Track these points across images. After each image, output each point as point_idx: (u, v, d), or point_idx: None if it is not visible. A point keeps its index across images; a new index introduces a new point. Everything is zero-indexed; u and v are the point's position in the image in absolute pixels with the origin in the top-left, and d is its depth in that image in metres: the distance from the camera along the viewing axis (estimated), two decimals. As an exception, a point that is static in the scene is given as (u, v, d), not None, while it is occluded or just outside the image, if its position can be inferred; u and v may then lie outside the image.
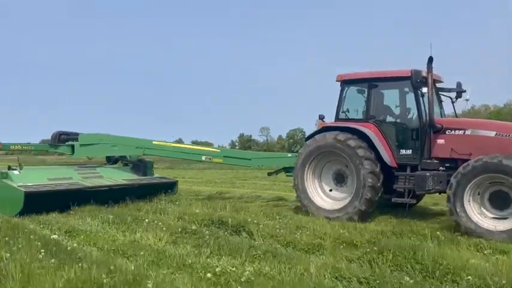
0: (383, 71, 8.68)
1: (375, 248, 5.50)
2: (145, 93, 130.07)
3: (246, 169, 20.43)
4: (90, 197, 9.99)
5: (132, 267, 4.80)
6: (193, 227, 7.19)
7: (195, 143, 71.33)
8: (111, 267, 4.59)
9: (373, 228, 7.23)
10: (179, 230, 6.96)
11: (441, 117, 9.14)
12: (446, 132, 8.05)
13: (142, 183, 11.34)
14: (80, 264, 4.73)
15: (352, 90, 9.17)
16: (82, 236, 6.94)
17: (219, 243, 5.98)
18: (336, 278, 4.59)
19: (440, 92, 9.28)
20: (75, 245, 6.21)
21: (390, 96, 8.96)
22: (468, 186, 6.90)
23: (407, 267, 4.84)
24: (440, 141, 8.10)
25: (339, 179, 9.00)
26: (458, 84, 9.26)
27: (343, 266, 4.88)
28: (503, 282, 4.20)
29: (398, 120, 8.75)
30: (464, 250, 5.69)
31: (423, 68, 7.96)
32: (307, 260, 5.17)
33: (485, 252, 5.72)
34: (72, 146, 11.70)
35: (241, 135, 73.76)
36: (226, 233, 6.94)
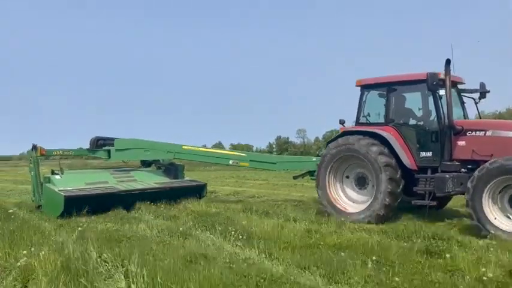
0: (401, 74, 8.75)
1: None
2: (185, 98, 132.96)
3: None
4: (124, 199, 10.65)
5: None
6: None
7: (234, 146, 72.72)
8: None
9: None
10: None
11: (464, 118, 9.11)
12: (467, 134, 8.03)
13: (173, 186, 11.89)
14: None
15: (371, 94, 9.30)
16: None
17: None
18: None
19: (462, 93, 9.23)
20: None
21: (409, 100, 9.01)
22: (486, 189, 6.88)
23: None
24: (461, 142, 8.08)
25: (361, 182, 9.14)
26: (482, 85, 9.17)
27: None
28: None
29: (418, 123, 8.77)
30: None
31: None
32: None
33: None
34: (109, 151, 12.40)
35: (278, 138, 74.15)
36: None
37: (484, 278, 4.50)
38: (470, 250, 5.88)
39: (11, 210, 10.41)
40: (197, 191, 12.26)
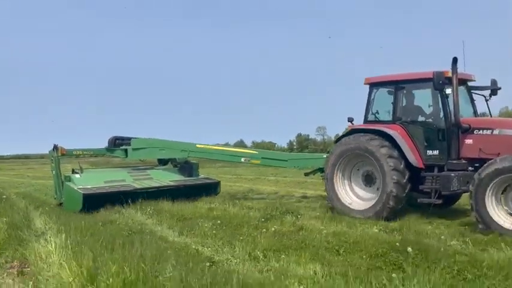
0: (408, 73, 8.79)
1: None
2: (206, 97, 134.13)
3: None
4: (140, 196, 11.04)
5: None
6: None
7: (256, 144, 73.06)
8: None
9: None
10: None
11: (475, 116, 9.06)
12: (474, 132, 8.01)
13: (188, 184, 12.23)
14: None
15: (380, 92, 9.34)
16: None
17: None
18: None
19: (472, 91, 9.18)
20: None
21: (417, 98, 9.03)
22: (487, 190, 6.90)
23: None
24: (469, 141, 8.08)
25: (368, 180, 9.21)
26: (493, 82, 9.08)
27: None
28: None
29: (425, 121, 8.78)
30: None
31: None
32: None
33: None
34: (126, 150, 12.85)
35: (299, 135, 74.30)
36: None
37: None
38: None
39: (4, 196, 13.26)
40: (211, 188, 12.56)
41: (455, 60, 7.82)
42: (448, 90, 7.97)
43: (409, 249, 5.41)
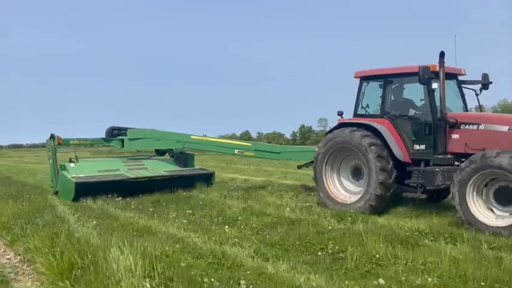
0: (396, 67, 8.74)
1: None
2: (214, 91, 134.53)
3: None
4: (133, 186, 11.21)
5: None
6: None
7: (261, 134, 73.62)
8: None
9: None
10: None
11: (464, 110, 9.00)
12: (461, 127, 7.97)
13: (182, 174, 12.35)
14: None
15: (369, 86, 9.31)
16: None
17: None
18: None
19: (463, 85, 9.10)
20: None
21: (405, 92, 9.00)
22: (468, 186, 6.90)
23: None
24: (455, 136, 8.04)
25: (356, 173, 9.24)
26: (485, 76, 9.00)
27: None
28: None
29: (412, 116, 8.74)
30: None
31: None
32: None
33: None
34: (122, 140, 13.00)
35: (302, 126, 75.07)
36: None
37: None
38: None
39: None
40: (205, 179, 12.68)
41: (442, 54, 7.76)
42: (435, 85, 7.92)
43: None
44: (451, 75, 8.81)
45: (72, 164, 11.44)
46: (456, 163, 8.01)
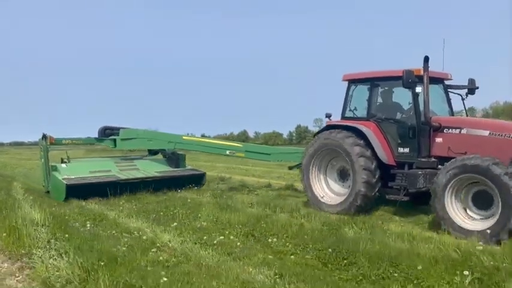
0: (383, 70, 8.84)
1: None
2: (213, 90, 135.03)
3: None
4: (125, 187, 11.29)
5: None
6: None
7: (258, 134, 74.02)
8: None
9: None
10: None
11: (451, 115, 9.10)
12: (444, 131, 8.07)
13: (173, 175, 12.44)
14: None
15: (357, 89, 9.42)
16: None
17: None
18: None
19: (449, 90, 9.20)
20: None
21: (390, 95, 9.10)
22: (447, 191, 6.99)
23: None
24: (439, 139, 8.14)
25: (343, 175, 9.34)
26: (471, 81, 9.10)
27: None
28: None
29: (398, 119, 8.86)
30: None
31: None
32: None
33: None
34: (114, 140, 13.09)
35: (298, 126, 76.00)
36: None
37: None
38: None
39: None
40: (197, 179, 12.78)
41: (426, 59, 7.86)
42: (418, 89, 8.01)
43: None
44: (437, 80, 8.91)
45: (63, 165, 11.53)
46: (440, 166, 8.11)
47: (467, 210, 7.00)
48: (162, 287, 4.48)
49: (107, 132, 13.42)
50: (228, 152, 12.29)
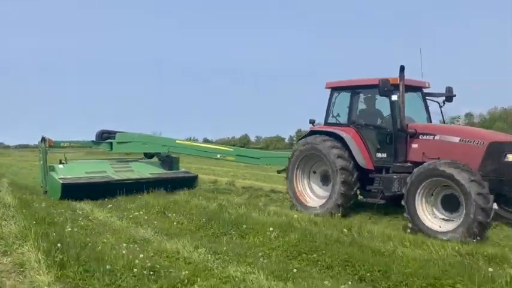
0: (362, 78, 9.24)
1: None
2: (214, 93, 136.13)
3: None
4: (119, 188, 11.72)
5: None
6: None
7: (259, 138, 74.35)
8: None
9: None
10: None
11: (429, 122, 9.49)
12: (420, 137, 8.46)
13: (167, 177, 12.86)
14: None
15: (339, 96, 9.82)
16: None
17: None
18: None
19: (427, 97, 9.59)
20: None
21: (369, 103, 9.50)
22: (417, 193, 7.36)
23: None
24: (415, 145, 8.52)
25: (325, 179, 9.73)
26: (449, 89, 9.49)
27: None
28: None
29: (376, 125, 9.25)
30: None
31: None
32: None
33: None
34: (111, 144, 13.57)
35: (299, 131, 76.48)
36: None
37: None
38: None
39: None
40: (189, 181, 13.20)
41: (402, 68, 8.24)
42: (394, 97, 8.40)
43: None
44: (416, 88, 9.32)
45: (60, 166, 12.01)
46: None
47: (435, 211, 7.37)
48: (66, 234, 6.57)
49: (104, 136, 13.91)
50: (219, 156, 12.72)
